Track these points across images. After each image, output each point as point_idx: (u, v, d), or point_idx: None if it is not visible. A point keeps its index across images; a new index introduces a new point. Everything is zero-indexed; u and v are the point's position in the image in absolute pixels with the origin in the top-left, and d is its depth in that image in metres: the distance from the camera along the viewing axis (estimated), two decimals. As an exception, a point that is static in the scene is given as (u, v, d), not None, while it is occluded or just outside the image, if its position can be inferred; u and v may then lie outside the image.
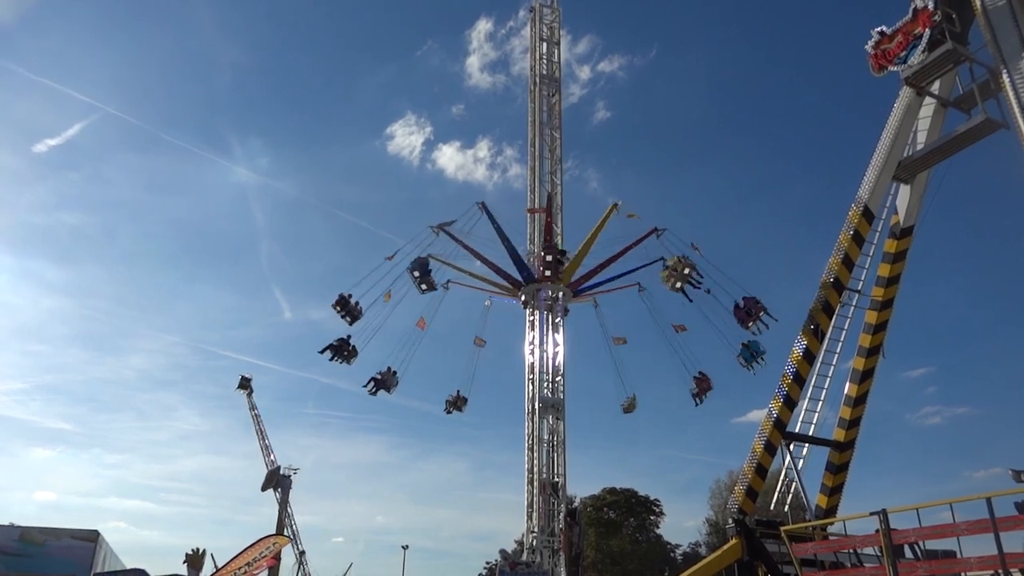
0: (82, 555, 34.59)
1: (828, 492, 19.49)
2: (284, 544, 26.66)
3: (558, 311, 32.35)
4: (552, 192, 35.36)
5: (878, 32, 18.71)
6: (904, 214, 19.80)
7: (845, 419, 19.75)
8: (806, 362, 18.59)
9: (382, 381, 30.78)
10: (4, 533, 34.87)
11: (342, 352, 29.68)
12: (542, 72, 36.40)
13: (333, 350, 29.67)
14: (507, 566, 26.57)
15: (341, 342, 29.66)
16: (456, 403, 33.29)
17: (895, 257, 19.82)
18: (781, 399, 18.29)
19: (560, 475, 30.21)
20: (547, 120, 36.09)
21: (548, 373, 31.27)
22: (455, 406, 33.27)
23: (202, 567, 26.58)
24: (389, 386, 30.97)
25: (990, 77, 17.07)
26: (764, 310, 27.06)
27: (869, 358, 19.83)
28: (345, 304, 29.55)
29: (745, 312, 27.00)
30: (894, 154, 18.82)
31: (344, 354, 29.70)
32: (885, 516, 10.71)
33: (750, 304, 27.07)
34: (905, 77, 18.29)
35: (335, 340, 29.65)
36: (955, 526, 10.11)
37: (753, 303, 27.00)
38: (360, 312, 29.78)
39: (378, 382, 30.76)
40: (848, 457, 19.69)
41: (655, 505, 63.32)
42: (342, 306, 29.54)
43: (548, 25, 37.42)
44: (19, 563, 33.26)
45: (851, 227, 18.86)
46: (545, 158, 35.65)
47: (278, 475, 54.33)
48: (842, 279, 18.89)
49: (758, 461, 17.88)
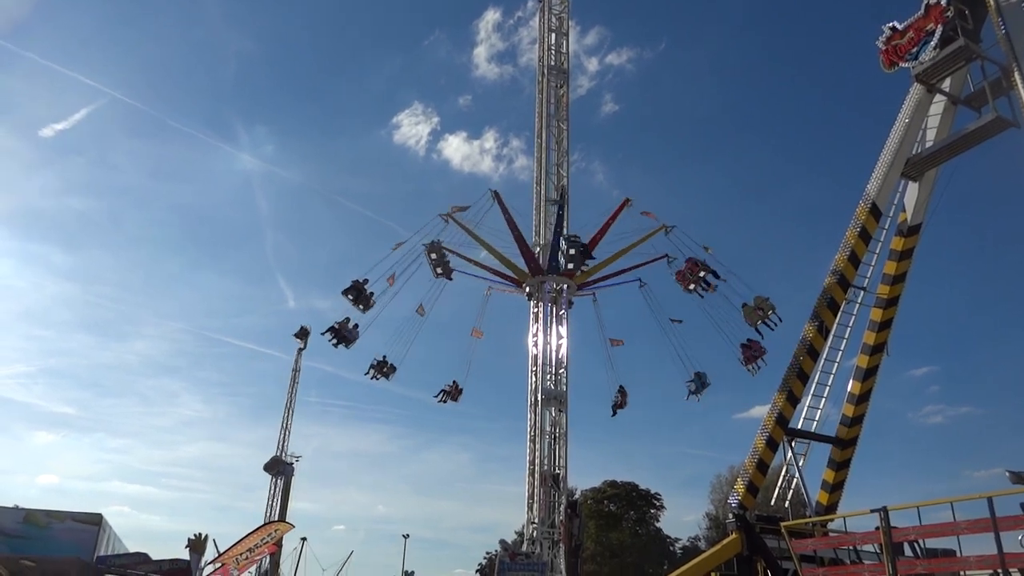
0: (86, 538, 34.75)
1: (829, 489, 19.50)
2: (286, 531, 26.76)
3: (562, 304, 32.40)
4: (558, 184, 35.31)
5: (889, 28, 18.57)
6: (912, 212, 19.71)
7: (848, 416, 19.74)
8: (810, 358, 18.58)
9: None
10: (8, 515, 35.06)
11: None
12: (550, 63, 36.24)
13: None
14: (507, 557, 26.68)
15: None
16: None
17: (901, 255, 19.74)
18: (784, 395, 18.28)
19: (561, 467, 30.30)
20: (554, 112, 35.96)
21: (551, 365, 31.34)
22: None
23: (204, 552, 26.74)
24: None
25: (1002, 75, 16.95)
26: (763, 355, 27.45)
27: (873, 356, 19.80)
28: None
29: (751, 353, 27.34)
30: (903, 151, 18.71)
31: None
32: (886, 513, 10.70)
33: (755, 347, 27.39)
34: (916, 74, 18.17)
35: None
36: (955, 525, 10.11)
37: (757, 347, 27.41)
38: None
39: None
40: (850, 454, 19.69)
41: (655, 499, 63.50)
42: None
43: (557, 15, 37.23)
44: (23, 545, 33.43)
45: (858, 224, 18.77)
46: (552, 150, 35.56)
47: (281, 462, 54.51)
48: (848, 276, 18.83)
49: (759, 456, 17.90)
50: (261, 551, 24.64)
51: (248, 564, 24.10)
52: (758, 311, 27.51)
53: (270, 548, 26.41)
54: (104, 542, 36.75)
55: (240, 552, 23.28)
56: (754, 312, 27.59)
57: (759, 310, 27.52)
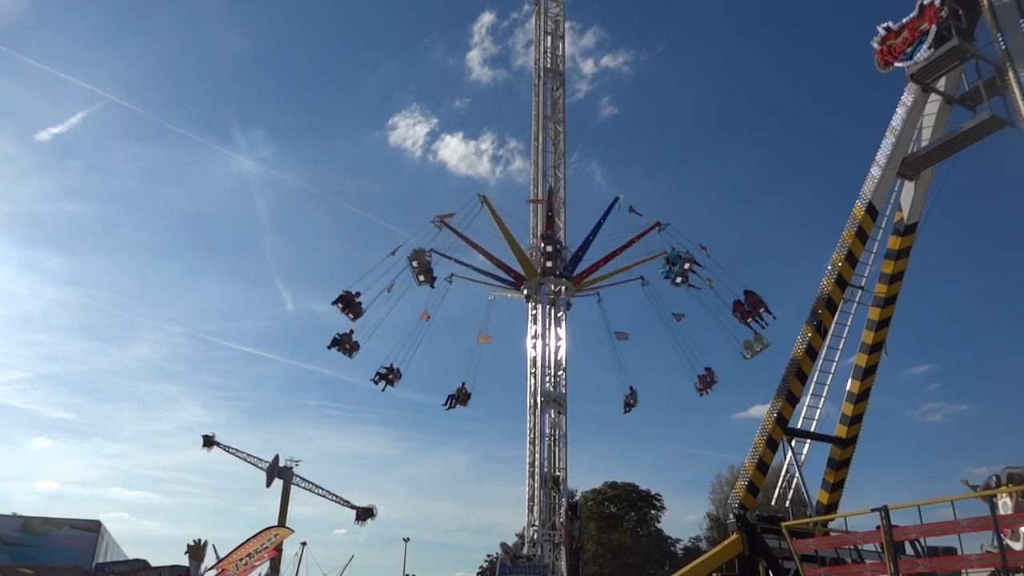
0: (84, 545, 34.69)
1: (829, 488, 19.52)
2: (286, 536, 26.77)
3: (561, 305, 32.41)
4: (555, 186, 35.34)
5: (884, 28, 18.64)
6: (908, 211, 19.77)
7: (847, 415, 19.76)
8: (809, 358, 18.61)
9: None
10: (7, 523, 34.97)
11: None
12: (546, 66, 36.32)
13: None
14: (508, 559, 26.65)
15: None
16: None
17: (898, 254, 19.80)
18: (783, 394, 18.31)
19: (561, 469, 30.30)
20: (551, 114, 36.02)
21: (550, 367, 31.34)
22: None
23: (203, 558, 26.60)
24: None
25: (996, 74, 17.02)
26: (765, 307, 27.13)
27: (872, 354, 19.83)
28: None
29: (745, 309, 27.13)
30: (899, 150, 18.78)
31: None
32: (886, 512, 10.71)
33: (752, 300, 27.15)
34: (911, 73, 18.24)
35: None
36: (956, 523, 10.12)
37: (755, 300, 27.07)
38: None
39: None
40: (850, 453, 19.71)
41: (656, 499, 63.45)
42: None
43: (553, 18, 37.31)
44: (22, 553, 33.36)
45: (855, 223, 18.83)
46: (548, 152, 35.60)
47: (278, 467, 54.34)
48: (845, 275, 18.88)
49: (760, 456, 17.92)
50: (261, 556, 24.64)
51: (248, 569, 24.11)
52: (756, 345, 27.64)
53: (270, 553, 26.36)
54: (103, 549, 36.68)
55: (240, 557, 23.29)
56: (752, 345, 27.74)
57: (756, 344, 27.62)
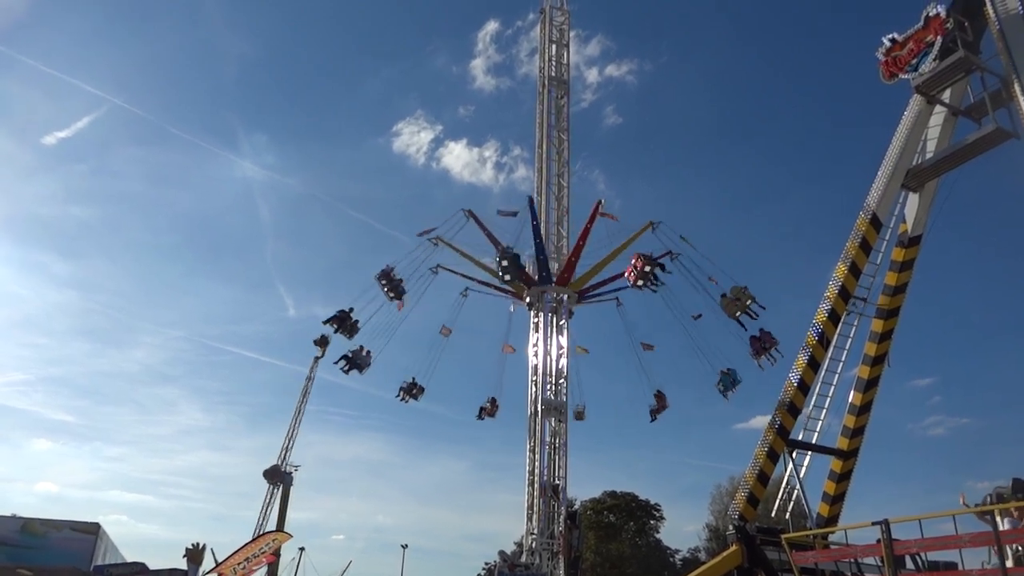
0: (83, 547, 34.58)
1: (830, 501, 19.40)
2: (284, 540, 26.66)
3: (563, 314, 32.38)
4: (559, 195, 35.41)
5: (889, 39, 18.62)
6: (912, 223, 19.71)
7: (849, 428, 19.66)
8: (811, 370, 18.53)
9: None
10: (6, 524, 34.90)
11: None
12: (551, 74, 36.39)
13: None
14: (506, 568, 26.54)
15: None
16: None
17: (902, 266, 19.73)
18: (785, 406, 18.21)
19: (561, 478, 30.20)
20: (555, 122, 36.10)
21: (551, 376, 31.29)
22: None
23: (202, 562, 26.62)
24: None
25: (1002, 87, 17.00)
26: (777, 347, 26.85)
27: (874, 367, 19.74)
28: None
29: (761, 345, 26.95)
30: (903, 162, 18.74)
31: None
32: (887, 526, 10.61)
33: (766, 338, 26.98)
34: (916, 85, 18.22)
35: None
36: (957, 538, 10.02)
37: (768, 337, 26.91)
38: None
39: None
40: (851, 466, 19.60)
41: (655, 509, 63.16)
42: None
43: (558, 27, 37.43)
44: (20, 554, 33.28)
45: (859, 235, 18.77)
46: (552, 160, 35.64)
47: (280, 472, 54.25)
48: (849, 287, 18.81)
49: (760, 468, 17.82)
50: (259, 561, 24.52)
51: (246, 573, 23.98)
52: (736, 301, 27.29)
53: (268, 558, 26.26)
54: (101, 551, 36.56)
55: (238, 562, 23.18)
56: (732, 303, 27.35)
57: (736, 300, 27.28)
